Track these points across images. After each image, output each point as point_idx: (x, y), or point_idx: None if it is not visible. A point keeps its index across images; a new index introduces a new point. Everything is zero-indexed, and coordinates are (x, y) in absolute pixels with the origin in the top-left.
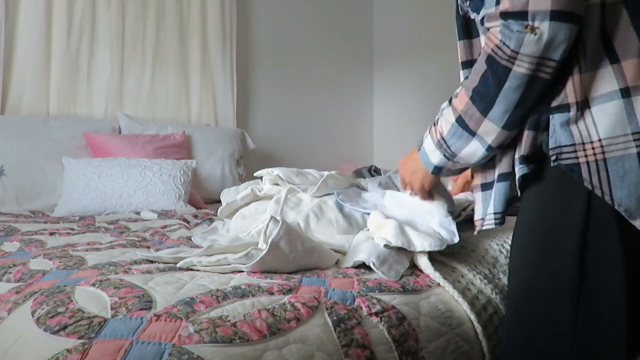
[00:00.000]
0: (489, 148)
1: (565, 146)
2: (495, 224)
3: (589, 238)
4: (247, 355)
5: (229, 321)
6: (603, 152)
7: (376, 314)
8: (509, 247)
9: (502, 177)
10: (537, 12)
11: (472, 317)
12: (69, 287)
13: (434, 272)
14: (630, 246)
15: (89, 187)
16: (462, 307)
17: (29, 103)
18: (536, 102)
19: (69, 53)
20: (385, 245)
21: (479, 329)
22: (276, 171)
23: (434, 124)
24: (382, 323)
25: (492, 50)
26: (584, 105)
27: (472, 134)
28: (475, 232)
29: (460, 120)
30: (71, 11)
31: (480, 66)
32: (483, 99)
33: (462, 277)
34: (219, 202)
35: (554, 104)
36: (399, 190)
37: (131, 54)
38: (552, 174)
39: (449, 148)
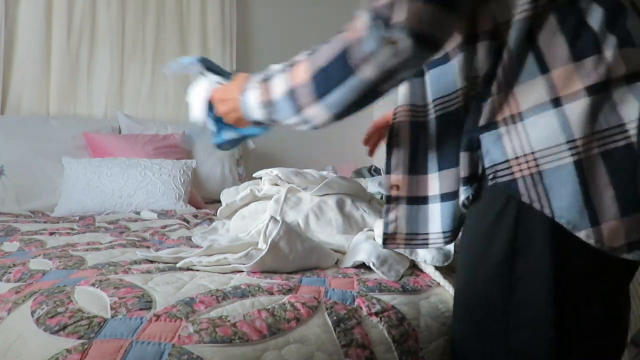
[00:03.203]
0: (314, 128)
1: (499, 164)
2: (445, 242)
3: (517, 246)
4: (246, 355)
5: (228, 321)
6: (537, 165)
7: (376, 314)
8: None
9: (448, 197)
10: (398, 24)
11: None
12: (68, 287)
13: (435, 272)
14: (564, 257)
15: (89, 187)
16: None
17: (29, 103)
18: (363, 107)
19: (69, 53)
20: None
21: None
22: (275, 171)
23: (265, 80)
24: (382, 323)
25: (353, 40)
26: (514, 119)
27: (299, 110)
28: (393, 248)
29: (292, 92)
30: (71, 11)
31: (334, 47)
32: (323, 83)
33: None
34: (219, 202)
35: (482, 122)
36: None
37: (131, 54)
38: (486, 189)
39: (273, 113)
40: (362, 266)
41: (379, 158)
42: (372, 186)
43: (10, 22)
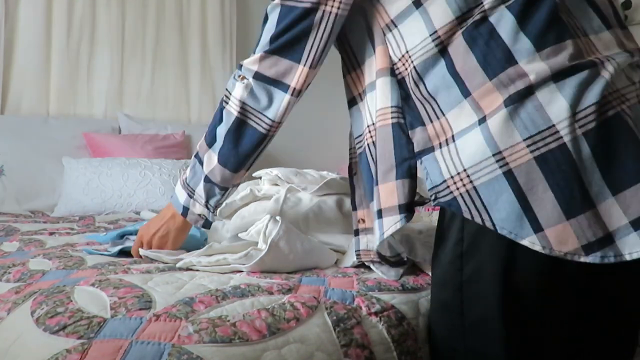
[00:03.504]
0: (207, 179)
1: (438, 185)
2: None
3: (463, 249)
4: (246, 355)
5: (228, 321)
6: (471, 181)
7: (376, 313)
8: None
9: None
10: (246, 68)
11: None
12: (68, 287)
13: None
14: (513, 256)
15: (89, 187)
16: None
17: (29, 103)
18: (253, 149)
19: (69, 53)
20: None
21: None
22: (275, 171)
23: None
24: (382, 323)
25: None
26: (448, 141)
27: (201, 163)
28: (363, 261)
29: (197, 156)
30: (71, 11)
31: (219, 105)
32: (210, 132)
33: None
34: None
35: (418, 148)
36: None
37: (131, 54)
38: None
39: (188, 185)
40: (362, 266)
41: None
42: None
43: (10, 22)
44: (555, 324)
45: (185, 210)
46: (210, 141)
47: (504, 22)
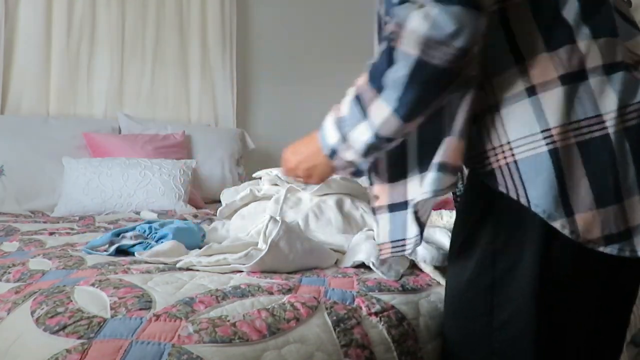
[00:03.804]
0: (376, 136)
1: (477, 154)
2: (416, 245)
3: (498, 246)
4: (246, 355)
5: (228, 321)
6: (513, 154)
7: (376, 313)
8: None
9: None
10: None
11: None
12: (68, 287)
13: (434, 271)
14: (549, 252)
15: (89, 187)
16: None
17: (29, 103)
18: (436, 98)
19: (69, 53)
20: None
21: None
22: (275, 171)
23: (340, 104)
24: (382, 323)
25: (391, 30)
26: (492, 109)
27: (364, 114)
28: (383, 257)
29: (357, 97)
30: (71, 11)
31: (382, 44)
32: (378, 77)
33: None
34: (219, 202)
35: (466, 117)
36: None
37: (131, 54)
38: (467, 191)
39: (343, 128)
40: (362, 266)
41: None
42: None
43: (10, 22)
44: (582, 315)
45: (333, 154)
46: (379, 87)
47: (569, 6)
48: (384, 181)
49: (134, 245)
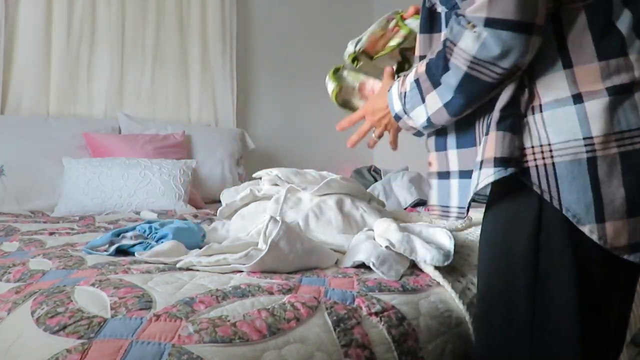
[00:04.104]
0: (428, 120)
1: (516, 151)
2: (458, 217)
3: (540, 241)
4: (246, 355)
5: (228, 321)
6: (552, 157)
7: (376, 313)
8: None
9: (465, 175)
10: (475, 17)
11: (468, 317)
12: (68, 287)
13: (434, 271)
14: (582, 249)
15: (89, 187)
16: (460, 306)
17: (29, 103)
18: (482, 101)
19: (69, 53)
20: (386, 247)
21: (472, 329)
22: (275, 171)
23: (405, 75)
24: (382, 323)
25: (447, 35)
26: (535, 110)
27: (422, 99)
28: (432, 216)
29: (417, 82)
30: (71, 11)
31: (441, 44)
32: (434, 75)
33: (463, 276)
34: (219, 202)
35: (509, 109)
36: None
37: (131, 54)
38: (507, 179)
39: (405, 104)
40: (362, 266)
41: (379, 158)
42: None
43: (10, 22)
44: (614, 305)
45: (398, 118)
46: (435, 83)
47: (624, 17)
48: (431, 150)
49: (134, 245)
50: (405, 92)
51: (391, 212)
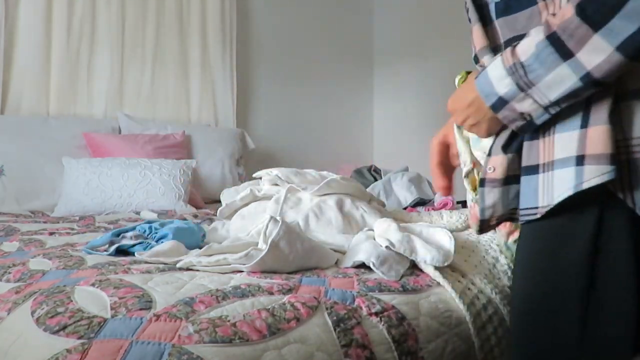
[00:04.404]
0: (587, 77)
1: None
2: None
3: (600, 244)
4: (246, 355)
5: (228, 321)
6: (629, 152)
7: (376, 313)
8: (510, 247)
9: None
10: None
11: (468, 317)
12: (68, 287)
13: (435, 272)
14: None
15: (89, 187)
16: (460, 306)
17: (29, 103)
18: None
19: (69, 53)
20: (386, 247)
21: (472, 329)
22: (275, 171)
23: (513, 47)
24: (382, 323)
25: None
26: (618, 98)
27: (567, 56)
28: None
29: (553, 39)
30: (71, 11)
31: None
32: (599, 8)
33: (463, 276)
34: (219, 202)
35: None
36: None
37: (131, 54)
38: None
39: (525, 75)
40: (362, 266)
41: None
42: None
43: (10, 22)
44: None
45: (502, 103)
46: (600, 20)
47: None
48: (501, 153)
49: (134, 245)
50: (519, 63)
51: (391, 212)
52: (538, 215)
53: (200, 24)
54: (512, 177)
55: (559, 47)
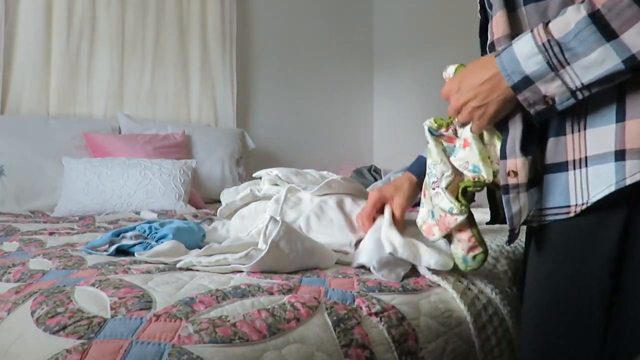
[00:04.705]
0: (631, 60)
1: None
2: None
3: (626, 248)
4: (246, 355)
5: (228, 321)
6: None
7: (376, 314)
8: (509, 248)
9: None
10: None
11: (469, 317)
12: (68, 287)
13: (432, 275)
14: None
15: (89, 187)
16: (461, 307)
17: (29, 103)
18: None
19: (69, 53)
20: (389, 253)
21: (472, 329)
22: (275, 171)
23: (545, 24)
24: (382, 323)
25: None
26: None
27: (610, 36)
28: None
29: (596, 17)
30: (71, 11)
31: None
32: None
33: (464, 277)
34: (219, 202)
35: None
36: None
37: (131, 54)
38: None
39: (561, 52)
40: (363, 266)
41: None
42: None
43: (10, 22)
44: None
45: (526, 83)
46: None
47: None
48: (520, 155)
49: (134, 245)
50: (554, 40)
51: None
52: (571, 214)
53: (200, 24)
54: (533, 180)
55: (603, 26)
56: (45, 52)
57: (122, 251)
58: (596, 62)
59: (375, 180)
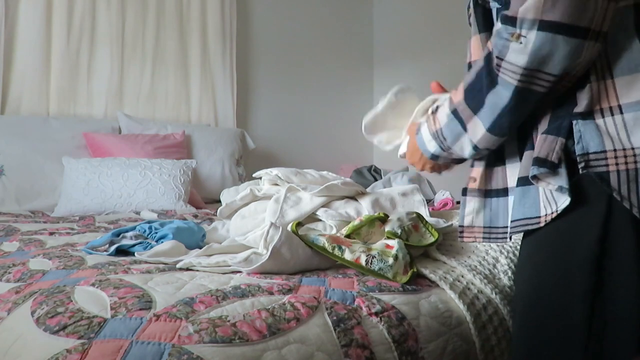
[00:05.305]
0: (475, 147)
1: (594, 153)
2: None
3: (607, 246)
4: (246, 355)
5: (228, 321)
6: (636, 162)
7: (376, 314)
8: (509, 248)
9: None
10: (524, 19)
11: (468, 317)
12: (68, 287)
13: (429, 274)
14: None
15: (89, 187)
16: (460, 307)
17: (29, 103)
18: (530, 112)
19: (69, 53)
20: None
21: (472, 329)
22: (275, 171)
23: (433, 112)
24: (382, 323)
25: (491, 50)
26: (613, 111)
27: (464, 129)
28: (467, 241)
29: (455, 113)
30: (71, 11)
31: (479, 62)
32: (474, 97)
33: (463, 277)
34: (219, 202)
35: (579, 109)
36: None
37: (131, 53)
38: (571, 180)
39: (444, 140)
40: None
41: (379, 158)
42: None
43: (10, 22)
44: None
45: (435, 157)
46: (476, 106)
47: None
48: (477, 164)
49: (134, 245)
50: (440, 129)
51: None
52: (542, 224)
53: (200, 24)
54: (499, 191)
55: (460, 120)
56: (45, 52)
57: (122, 251)
58: (462, 147)
59: (375, 180)
